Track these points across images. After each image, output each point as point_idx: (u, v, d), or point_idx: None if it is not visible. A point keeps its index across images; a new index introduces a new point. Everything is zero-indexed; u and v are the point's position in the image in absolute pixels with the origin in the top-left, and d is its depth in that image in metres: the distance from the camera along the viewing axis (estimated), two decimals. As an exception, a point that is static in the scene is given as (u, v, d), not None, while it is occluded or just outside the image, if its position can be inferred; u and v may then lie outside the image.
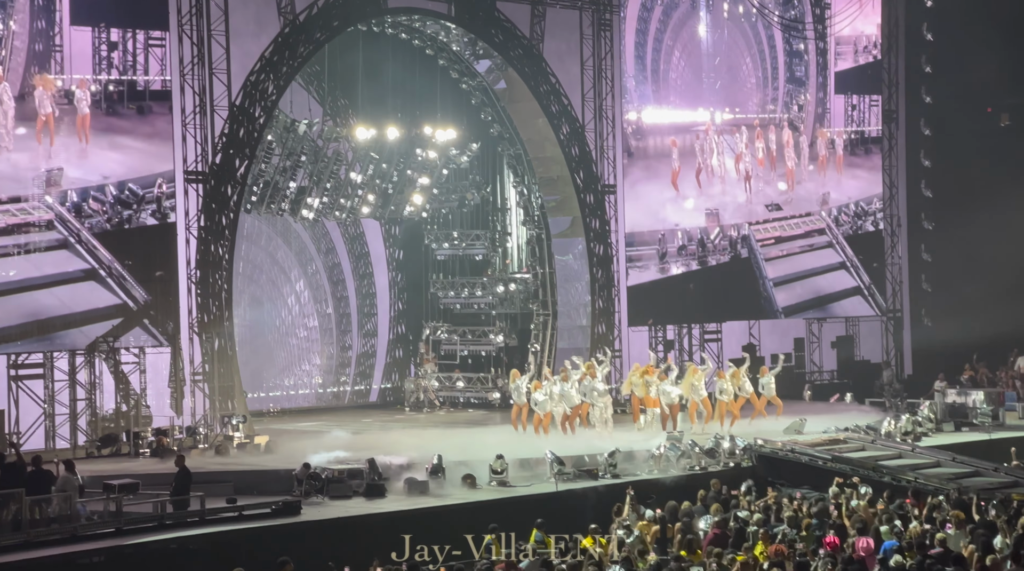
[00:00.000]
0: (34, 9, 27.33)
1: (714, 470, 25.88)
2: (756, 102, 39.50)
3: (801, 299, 38.84)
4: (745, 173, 38.04)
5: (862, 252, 40.60)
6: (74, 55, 27.73)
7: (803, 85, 40.23)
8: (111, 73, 28.13)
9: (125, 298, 27.65)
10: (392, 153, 33.84)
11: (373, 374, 37.75)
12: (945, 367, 35.89)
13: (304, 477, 23.44)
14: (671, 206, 36.75)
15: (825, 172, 40.18)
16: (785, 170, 39.07)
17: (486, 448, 25.73)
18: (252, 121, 29.26)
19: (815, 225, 39.46)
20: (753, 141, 38.62)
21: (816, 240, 39.53)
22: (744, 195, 38.02)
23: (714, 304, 37.31)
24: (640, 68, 36.51)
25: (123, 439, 27.35)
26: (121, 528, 20.57)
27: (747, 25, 38.99)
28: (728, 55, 38.66)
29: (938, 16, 41.13)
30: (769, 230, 38.32)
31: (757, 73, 39.54)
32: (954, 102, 40.76)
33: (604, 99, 34.74)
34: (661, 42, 36.94)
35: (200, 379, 28.48)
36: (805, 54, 40.18)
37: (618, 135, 35.16)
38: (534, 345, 35.19)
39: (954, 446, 28.47)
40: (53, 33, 27.58)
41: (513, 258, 36.56)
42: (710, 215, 36.98)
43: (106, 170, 27.79)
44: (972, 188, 39.79)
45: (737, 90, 38.98)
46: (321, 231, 36.68)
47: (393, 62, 33.97)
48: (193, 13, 28.50)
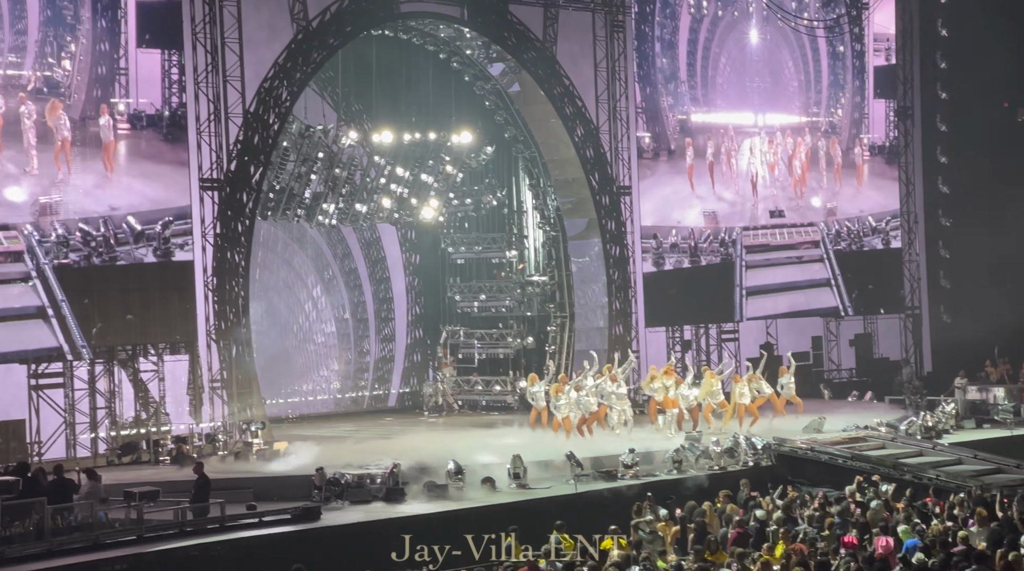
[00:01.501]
0: (97, 31, 27.50)
1: (733, 470, 25.85)
2: (799, 106, 39.67)
3: (774, 312, 37.91)
4: (751, 177, 37.83)
5: (859, 271, 39.79)
6: (140, 79, 27.90)
7: (841, 88, 40.36)
8: (180, 97, 28.21)
9: (63, 342, 26.70)
10: (407, 157, 33.86)
11: (391, 379, 37.77)
12: (965, 364, 35.76)
13: (322, 482, 23.46)
14: (683, 203, 36.61)
15: (840, 181, 39.96)
16: (797, 177, 38.85)
17: (505, 450, 25.72)
18: (267, 128, 29.32)
19: (811, 237, 38.92)
20: (782, 145, 38.56)
21: (806, 253, 38.89)
22: (752, 199, 37.87)
23: (697, 305, 36.74)
24: (691, 74, 36.92)
25: (143, 447, 27.41)
26: (142, 536, 20.63)
27: (788, 28, 39.08)
28: (771, 59, 38.86)
29: (952, 11, 41.01)
30: (760, 237, 37.82)
31: (800, 76, 39.76)
32: (970, 98, 40.62)
33: (618, 100, 34.71)
34: (709, 49, 37.37)
35: (218, 386, 28.54)
36: (843, 57, 40.29)
37: (632, 136, 35.12)
38: (551, 346, 35.18)
39: (975, 443, 28.36)
40: (117, 56, 27.78)
41: (530, 260, 36.55)
42: (708, 216, 36.82)
43: (119, 201, 27.54)
44: (989, 184, 39.65)
45: (779, 94, 39.16)
46: (337, 236, 36.72)
47: (407, 66, 34.00)
48: (207, 22, 28.57)
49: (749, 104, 38.28)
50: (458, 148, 34.25)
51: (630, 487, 24.34)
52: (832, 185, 39.77)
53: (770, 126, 38.69)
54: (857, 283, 39.81)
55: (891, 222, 40.78)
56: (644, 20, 35.71)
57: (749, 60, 38.36)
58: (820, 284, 39.01)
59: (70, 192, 26.97)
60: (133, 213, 27.72)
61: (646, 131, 35.84)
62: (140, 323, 27.92)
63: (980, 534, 18.10)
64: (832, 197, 39.63)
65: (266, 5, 29.56)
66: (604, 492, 24.20)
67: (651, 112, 36.02)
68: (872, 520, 19.44)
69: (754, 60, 38.44)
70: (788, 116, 39.32)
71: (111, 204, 27.51)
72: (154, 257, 27.94)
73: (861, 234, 39.99)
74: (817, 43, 39.85)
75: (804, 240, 38.72)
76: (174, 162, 28.39)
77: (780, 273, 38.03)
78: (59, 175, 26.84)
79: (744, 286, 37.02)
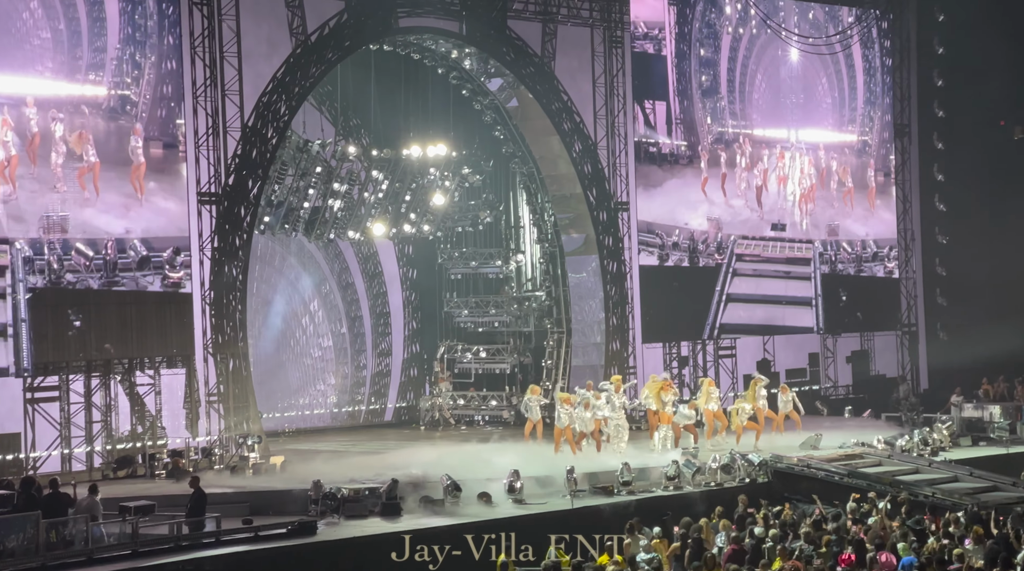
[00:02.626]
0: (164, 49, 27.77)
1: (730, 486, 25.83)
2: (832, 122, 40.04)
3: (748, 322, 37.51)
4: (757, 189, 37.95)
5: (855, 293, 39.82)
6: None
7: (874, 106, 40.76)
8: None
9: (11, 364, 26.47)
10: (405, 172, 33.88)
11: (388, 393, 37.73)
12: (961, 381, 35.75)
13: (318, 497, 23.43)
14: (694, 207, 36.76)
15: (852, 201, 39.99)
16: (804, 193, 38.85)
17: (501, 466, 25.72)
18: (265, 142, 29.35)
19: (805, 253, 38.81)
20: (801, 162, 38.90)
21: (796, 269, 38.66)
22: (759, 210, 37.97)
23: (690, 304, 36.66)
24: (731, 90, 37.66)
25: (139, 461, 27.36)
26: (137, 550, 20.59)
27: (824, 47, 39.70)
28: (804, 76, 39.42)
29: (950, 30, 41.12)
30: (754, 246, 37.72)
31: (833, 93, 40.23)
32: (967, 116, 40.72)
33: (616, 116, 34.77)
34: (747, 67, 38.21)
35: (215, 400, 28.53)
36: (875, 71, 40.72)
37: (630, 151, 35.17)
38: (548, 362, 35.17)
39: (971, 461, 28.35)
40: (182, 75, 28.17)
41: (527, 276, 36.57)
42: (712, 221, 36.86)
43: (133, 223, 27.70)
44: (986, 201, 39.74)
45: (813, 110, 39.68)
46: (335, 251, 36.71)
47: (405, 81, 34.03)
48: (205, 35, 28.63)
49: (783, 120, 38.93)
50: (456, 163, 34.29)
51: (626, 503, 24.33)
52: (843, 205, 39.73)
53: (800, 143, 39.16)
54: (853, 307, 39.76)
55: (893, 250, 40.85)
56: (683, 39, 36.55)
57: (784, 77, 39.10)
58: (802, 302, 38.80)
59: (84, 211, 27.00)
60: (145, 237, 27.83)
61: (683, 140, 36.47)
62: (137, 336, 27.92)
63: (976, 552, 18.10)
64: (840, 217, 39.59)
65: (265, 20, 29.61)
66: (600, 508, 24.17)
67: (688, 123, 36.73)
68: (870, 537, 19.42)
69: (790, 77, 39.21)
70: (821, 132, 39.84)
71: (128, 226, 27.62)
72: (160, 286, 28.05)
73: (861, 258, 39.90)
74: (853, 60, 40.43)
75: (797, 256, 38.65)
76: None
77: (765, 285, 37.85)
78: (85, 194, 26.92)
79: (727, 292, 36.85)
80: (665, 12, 36.01)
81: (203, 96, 28.57)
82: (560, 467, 25.58)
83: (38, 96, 26.57)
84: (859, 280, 40.15)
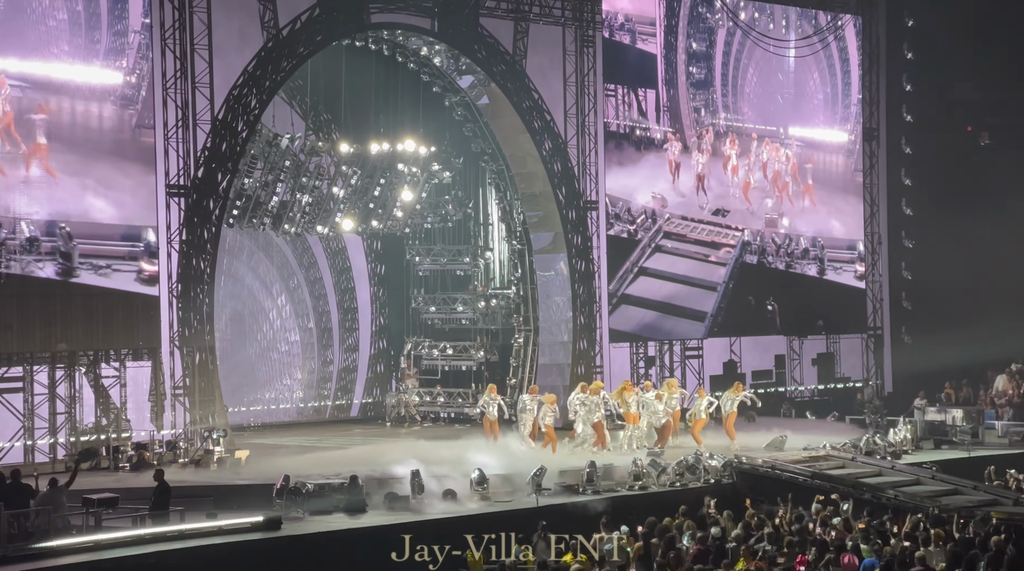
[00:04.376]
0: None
1: (694, 486, 25.92)
2: (823, 118, 40.59)
3: (647, 296, 36.71)
4: (699, 178, 37.70)
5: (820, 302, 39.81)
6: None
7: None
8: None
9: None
10: (374, 168, 33.86)
11: (354, 389, 37.69)
12: (925, 385, 36.01)
13: (283, 492, 23.37)
14: (649, 187, 36.76)
15: (809, 199, 40.14)
16: (745, 182, 38.83)
17: (467, 463, 25.73)
18: (235, 135, 29.26)
19: (730, 241, 38.33)
20: (775, 153, 39.35)
21: (715, 254, 38.00)
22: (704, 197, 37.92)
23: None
24: (724, 83, 38.33)
25: (103, 453, 27.23)
26: (100, 543, 20.48)
27: (819, 44, 40.21)
28: (797, 70, 39.98)
29: (919, 35, 41.36)
30: (680, 226, 37.26)
31: (825, 89, 40.60)
32: (935, 121, 40.98)
33: (586, 115, 34.83)
34: (740, 60, 38.80)
35: (181, 393, 28.43)
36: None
37: (600, 151, 35.23)
38: (515, 360, 35.20)
39: (933, 464, 28.53)
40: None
41: (495, 273, 36.59)
42: (656, 198, 36.73)
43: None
44: (953, 206, 39.96)
45: (803, 106, 40.25)
46: (303, 245, 36.65)
47: (376, 77, 34.00)
48: (176, 27, 28.52)
49: (771, 114, 39.40)
50: (426, 160, 34.28)
51: (591, 502, 24.39)
52: (797, 201, 39.88)
53: (787, 138, 39.72)
54: (814, 312, 39.79)
55: (836, 252, 40.67)
56: (671, 32, 37.10)
57: (775, 71, 39.60)
58: (708, 286, 38.00)
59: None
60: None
61: (670, 127, 36.95)
62: (103, 328, 27.79)
63: (937, 554, 18.23)
64: (793, 213, 39.72)
65: (236, 13, 29.51)
66: (566, 506, 24.21)
67: (673, 112, 37.19)
68: (833, 539, 19.53)
69: (783, 71, 39.74)
70: (807, 129, 40.25)
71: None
72: (136, 280, 28.06)
73: (793, 255, 39.67)
74: (848, 57, 40.99)
75: (722, 241, 38.11)
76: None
77: (680, 264, 37.30)
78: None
79: (638, 265, 36.41)
80: (656, 5, 36.72)
81: (173, 88, 28.46)
82: (526, 465, 25.62)
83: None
84: (822, 284, 40.27)
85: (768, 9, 39.27)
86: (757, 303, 38.85)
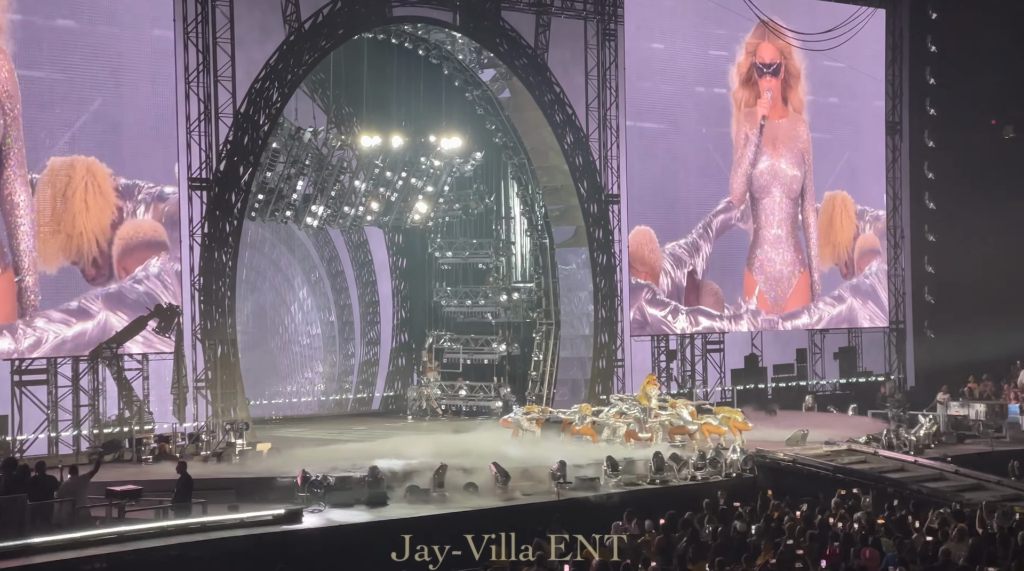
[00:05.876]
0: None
1: (715, 480, 25.89)
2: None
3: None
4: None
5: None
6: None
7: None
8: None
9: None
10: (396, 161, 33.88)
11: (376, 382, 37.77)
12: (948, 379, 35.85)
13: (304, 484, 23.43)
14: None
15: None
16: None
17: (488, 456, 25.74)
18: (256, 129, 29.31)
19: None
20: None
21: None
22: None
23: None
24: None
25: (125, 445, 27.35)
26: (123, 535, 20.57)
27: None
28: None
29: (942, 28, 41.16)
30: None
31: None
32: (958, 114, 40.76)
33: (608, 109, 34.77)
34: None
35: (203, 386, 28.53)
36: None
37: (623, 144, 35.17)
38: (536, 354, 35.20)
39: (956, 458, 28.43)
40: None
41: (516, 267, 36.58)
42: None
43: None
44: (976, 200, 39.73)
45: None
46: (325, 239, 36.71)
47: (398, 70, 34.03)
48: (199, 21, 28.58)
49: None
50: (448, 153, 34.29)
51: (611, 495, 24.38)
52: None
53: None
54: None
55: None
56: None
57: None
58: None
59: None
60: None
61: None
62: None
63: (960, 549, 18.16)
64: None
65: (258, 6, 29.56)
66: (587, 499, 24.21)
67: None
68: (855, 533, 19.46)
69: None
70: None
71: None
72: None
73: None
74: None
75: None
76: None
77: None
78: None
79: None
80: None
81: (195, 82, 28.53)
82: (546, 459, 25.64)
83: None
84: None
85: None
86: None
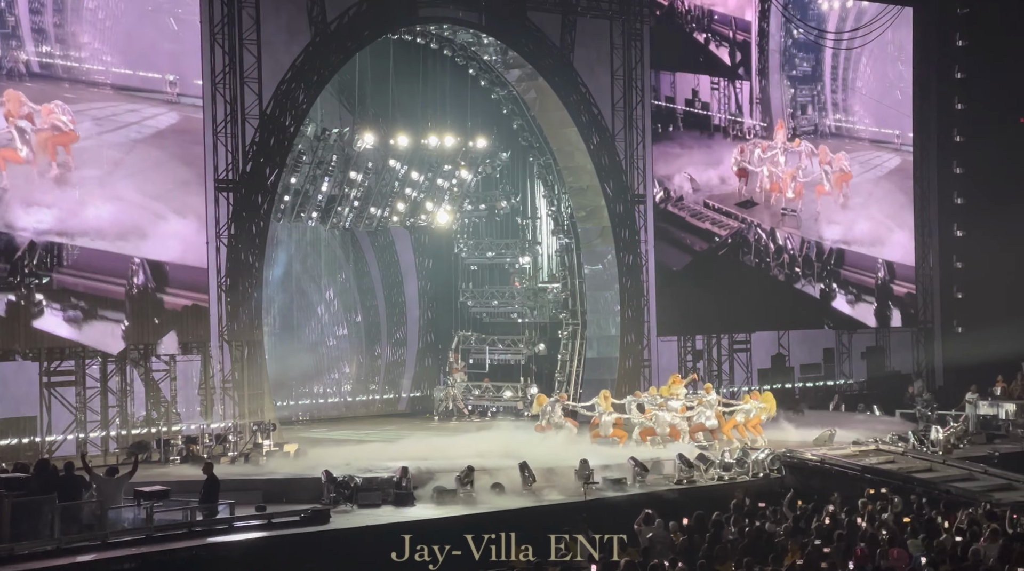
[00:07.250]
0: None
1: (742, 480, 25.82)
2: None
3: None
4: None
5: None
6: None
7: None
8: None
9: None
10: (422, 162, 33.89)
11: (402, 383, 37.79)
12: (977, 378, 35.60)
13: (331, 485, 23.46)
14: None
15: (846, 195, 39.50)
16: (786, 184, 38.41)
17: (514, 457, 25.73)
18: (283, 130, 29.37)
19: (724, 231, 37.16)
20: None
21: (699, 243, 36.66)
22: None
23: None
24: (834, 77, 39.46)
25: (153, 446, 27.45)
26: (151, 535, 20.66)
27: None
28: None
29: (970, 24, 40.95)
30: (684, 209, 36.21)
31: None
32: (986, 110, 40.55)
33: (634, 109, 34.70)
34: (849, 57, 39.89)
35: (230, 386, 28.60)
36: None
37: (648, 145, 35.09)
38: (563, 354, 35.16)
39: (986, 458, 28.29)
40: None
41: (543, 267, 36.55)
42: (690, 180, 36.31)
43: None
44: (1004, 196, 39.52)
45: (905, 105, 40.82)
46: (351, 240, 36.75)
47: (424, 71, 34.03)
48: (225, 23, 28.65)
49: (870, 111, 39.94)
50: (473, 153, 34.28)
51: (637, 495, 24.35)
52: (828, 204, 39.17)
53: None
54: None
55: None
56: (763, 18, 37.70)
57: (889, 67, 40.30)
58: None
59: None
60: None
61: (762, 120, 37.59)
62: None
63: (990, 550, 18.06)
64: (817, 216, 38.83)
65: (284, 7, 29.61)
66: (614, 500, 24.18)
67: (764, 103, 37.69)
68: (884, 533, 19.39)
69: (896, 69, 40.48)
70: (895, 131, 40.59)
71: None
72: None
73: (794, 263, 38.42)
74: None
75: (717, 231, 37.04)
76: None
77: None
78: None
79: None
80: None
81: (222, 83, 28.61)
82: (568, 459, 25.62)
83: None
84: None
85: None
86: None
